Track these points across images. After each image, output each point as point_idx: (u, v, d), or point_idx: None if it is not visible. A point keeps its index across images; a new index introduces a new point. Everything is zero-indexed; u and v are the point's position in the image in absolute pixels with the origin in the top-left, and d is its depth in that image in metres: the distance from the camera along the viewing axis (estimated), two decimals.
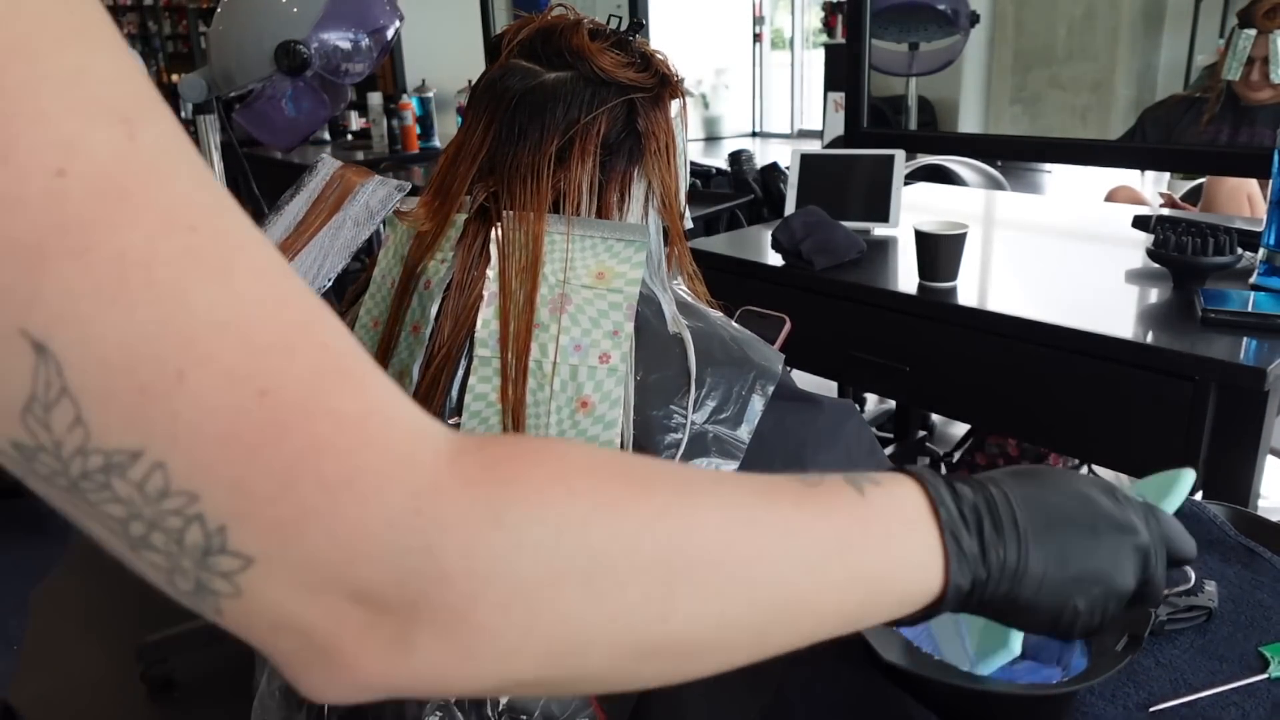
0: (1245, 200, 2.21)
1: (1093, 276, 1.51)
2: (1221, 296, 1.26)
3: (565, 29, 0.80)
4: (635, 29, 0.84)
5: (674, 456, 0.72)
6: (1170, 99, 1.73)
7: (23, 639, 0.64)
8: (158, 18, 9.05)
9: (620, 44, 0.81)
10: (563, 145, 0.78)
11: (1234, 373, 1.10)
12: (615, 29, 0.83)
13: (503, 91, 0.79)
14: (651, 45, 0.84)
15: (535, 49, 0.81)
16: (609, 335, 0.74)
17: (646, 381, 0.74)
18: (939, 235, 1.41)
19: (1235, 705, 0.60)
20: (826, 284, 1.54)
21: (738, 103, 10.92)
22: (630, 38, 0.83)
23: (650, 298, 0.78)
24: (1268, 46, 1.50)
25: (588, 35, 0.80)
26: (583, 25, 0.80)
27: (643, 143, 0.81)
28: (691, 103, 9.53)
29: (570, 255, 0.76)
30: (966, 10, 2.10)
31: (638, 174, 0.81)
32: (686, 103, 0.87)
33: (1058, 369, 1.26)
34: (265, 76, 1.47)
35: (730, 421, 0.75)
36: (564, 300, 0.75)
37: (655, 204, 0.83)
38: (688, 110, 0.88)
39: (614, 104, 0.79)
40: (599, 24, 0.83)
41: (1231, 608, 0.69)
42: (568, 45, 0.79)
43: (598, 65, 0.78)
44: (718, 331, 0.79)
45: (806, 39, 10.56)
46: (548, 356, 0.74)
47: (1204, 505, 0.80)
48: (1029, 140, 2.05)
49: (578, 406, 0.73)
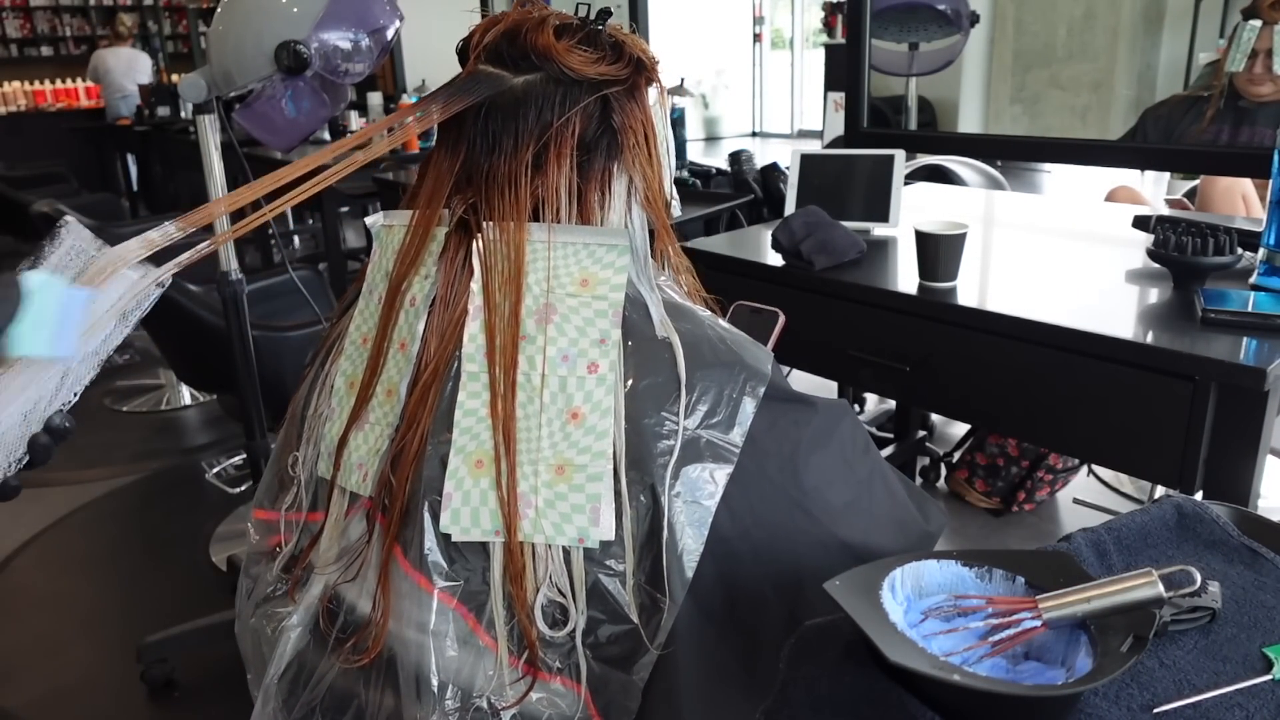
0: (1239, 200, 2.21)
1: (1093, 276, 1.51)
2: (1221, 296, 1.26)
3: (529, 29, 0.77)
4: (604, 17, 0.81)
5: (668, 464, 0.72)
6: (1171, 99, 1.73)
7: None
8: (158, 18, 9.04)
9: (589, 37, 0.79)
10: (538, 151, 0.76)
11: (1234, 373, 1.10)
12: (584, 19, 0.80)
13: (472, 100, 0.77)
14: (627, 33, 0.81)
15: (501, 52, 0.79)
16: (596, 344, 0.73)
17: (637, 388, 0.73)
18: (939, 235, 1.41)
19: (1239, 707, 0.59)
20: (826, 284, 1.54)
21: (737, 103, 10.93)
22: (600, 27, 0.80)
23: (637, 300, 0.77)
24: (1272, 38, 1.49)
25: (554, 33, 0.77)
26: (548, 22, 0.78)
27: (620, 138, 0.79)
28: (691, 103, 9.55)
29: (553, 263, 0.75)
30: (966, 10, 2.09)
31: (617, 170, 0.79)
32: (665, 88, 0.85)
33: (1058, 369, 1.26)
34: (265, 76, 1.47)
35: (722, 425, 0.74)
36: (549, 310, 0.74)
37: (638, 198, 0.81)
38: (671, 97, 0.86)
39: (587, 102, 0.77)
40: (566, 17, 0.80)
41: (1235, 609, 0.69)
42: (533, 46, 0.77)
43: (566, 65, 0.76)
44: (706, 333, 0.78)
45: (806, 39, 10.56)
46: (536, 369, 0.73)
47: (1207, 506, 0.80)
48: (1029, 140, 2.05)
49: (569, 418, 0.72)
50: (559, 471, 0.71)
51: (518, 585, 0.70)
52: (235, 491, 2.71)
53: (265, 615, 0.83)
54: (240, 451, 2.91)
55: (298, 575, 0.81)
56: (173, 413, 3.43)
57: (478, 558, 0.72)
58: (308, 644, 0.80)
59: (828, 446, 0.83)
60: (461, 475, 0.72)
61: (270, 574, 0.85)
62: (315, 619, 0.79)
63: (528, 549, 0.70)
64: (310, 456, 0.82)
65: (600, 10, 0.82)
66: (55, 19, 8.72)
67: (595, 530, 0.70)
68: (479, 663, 0.71)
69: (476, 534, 0.71)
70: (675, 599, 0.70)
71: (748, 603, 0.76)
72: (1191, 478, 1.17)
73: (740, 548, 0.75)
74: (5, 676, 1.94)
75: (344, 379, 0.81)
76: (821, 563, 0.77)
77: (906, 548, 0.85)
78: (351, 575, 0.76)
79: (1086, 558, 0.74)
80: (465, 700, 0.71)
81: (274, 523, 0.86)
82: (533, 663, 0.70)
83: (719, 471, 0.73)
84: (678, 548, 0.71)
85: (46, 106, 8.45)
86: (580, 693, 0.71)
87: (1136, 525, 0.78)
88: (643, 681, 0.71)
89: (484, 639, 0.71)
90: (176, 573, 2.31)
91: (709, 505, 0.72)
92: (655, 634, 0.70)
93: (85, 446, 3.10)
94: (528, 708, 0.71)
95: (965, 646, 0.62)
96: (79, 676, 1.93)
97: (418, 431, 0.73)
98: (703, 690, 0.74)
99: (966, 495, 2.43)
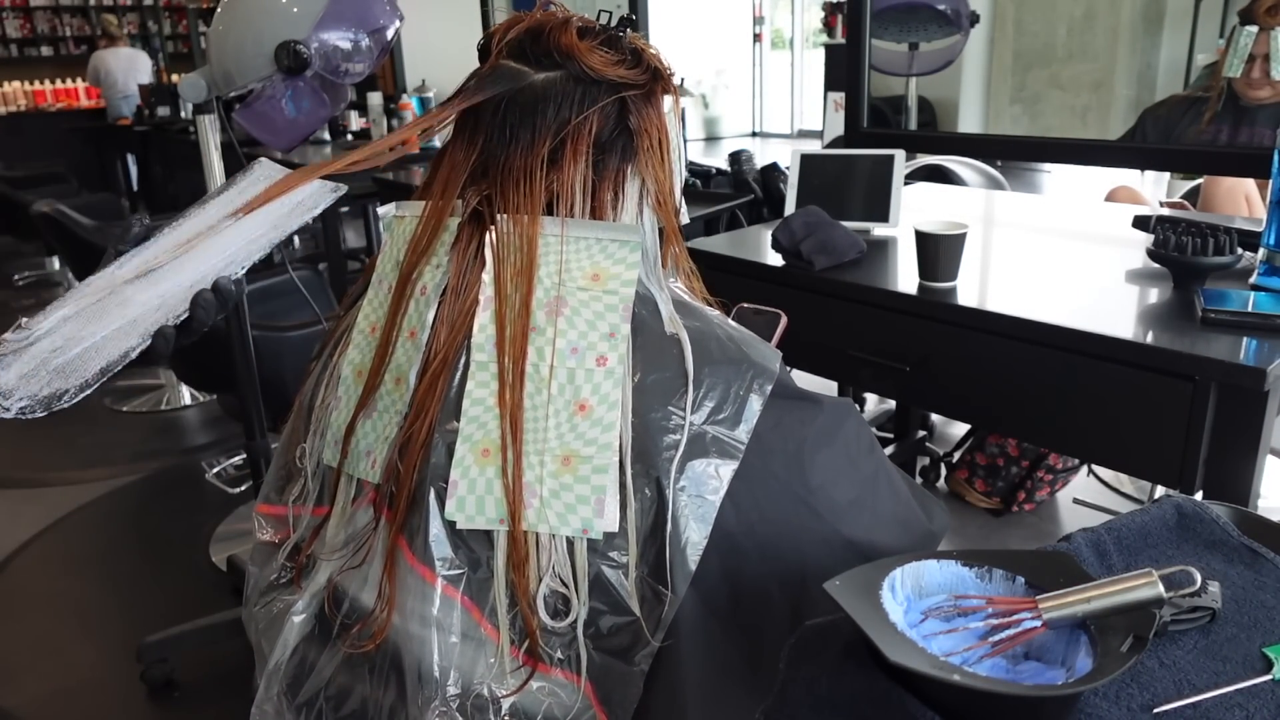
0: (1243, 200, 2.21)
1: (1093, 276, 1.51)
2: (1221, 296, 1.26)
3: (553, 28, 0.79)
4: (625, 24, 0.83)
5: (673, 458, 0.72)
6: (1171, 99, 1.73)
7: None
8: (158, 18, 9.05)
9: (610, 40, 0.80)
10: (555, 146, 0.77)
11: (1234, 373, 1.10)
12: (605, 25, 0.82)
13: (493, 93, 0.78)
14: (646, 42, 0.83)
15: (524, 49, 0.80)
16: (605, 338, 0.74)
17: (644, 383, 0.74)
18: (939, 235, 1.41)
19: (1239, 707, 0.59)
20: (826, 284, 1.54)
21: (738, 103, 10.94)
22: (621, 33, 0.82)
23: (646, 297, 0.78)
24: (1269, 43, 1.50)
25: (576, 33, 0.79)
26: (571, 23, 0.79)
27: (635, 140, 0.80)
28: (691, 103, 9.56)
29: (565, 257, 0.76)
30: (966, 10, 2.10)
31: (631, 172, 0.80)
32: (680, 98, 0.87)
33: (1058, 369, 1.26)
34: (265, 76, 1.47)
35: (729, 422, 0.75)
36: (560, 303, 0.75)
37: (650, 201, 0.82)
38: (682, 107, 0.87)
39: (605, 103, 0.78)
40: (588, 21, 0.82)
41: (1235, 609, 0.69)
42: (556, 44, 0.78)
43: (587, 64, 0.78)
44: (714, 330, 0.79)
45: (806, 39, 10.56)
46: (545, 360, 0.73)
47: (1207, 506, 0.80)
48: (1029, 140, 2.05)
49: (576, 410, 0.72)
50: (565, 462, 0.71)
51: (520, 574, 0.70)
52: (235, 491, 2.71)
53: (270, 603, 0.84)
54: (240, 451, 2.91)
55: (302, 562, 0.82)
56: (173, 413, 3.43)
57: (482, 547, 0.72)
58: (313, 630, 0.80)
59: (833, 444, 0.83)
60: (468, 463, 0.72)
61: (276, 563, 0.85)
62: (320, 607, 0.80)
63: (531, 538, 0.71)
64: (317, 447, 0.83)
65: (622, 18, 0.83)
66: (55, 19, 8.72)
67: (599, 522, 0.70)
68: (480, 653, 0.72)
69: (481, 522, 0.71)
70: (677, 592, 0.71)
71: (752, 599, 0.76)
72: (1191, 478, 1.17)
73: (745, 543, 0.75)
74: (5, 676, 1.94)
75: (351, 368, 0.81)
76: (826, 560, 0.77)
77: (910, 546, 0.85)
78: (357, 562, 0.77)
79: (1086, 558, 0.74)
80: (466, 688, 0.71)
81: (280, 517, 0.86)
82: (533, 653, 0.71)
83: (724, 467, 0.73)
84: (681, 541, 0.71)
85: (46, 106, 8.45)
86: (580, 685, 0.71)
87: (1136, 525, 0.78)
88: (644, 672, 0.72)
89: (487, 630, 0.72)
90: (176, 573, 2.31)
91: (713, 500, 0.73)
92: (657, 626, 0.71)
93: (85, 446, 3.10)
94: (529, 697, 0.71)
95: (965, 646, 0.62)
96: (79, 676, 1.93)
97: (425, 420, 0.74)
98: (706, 685, 0.75)
99: (966, 495, 2.44)
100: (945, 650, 0.60)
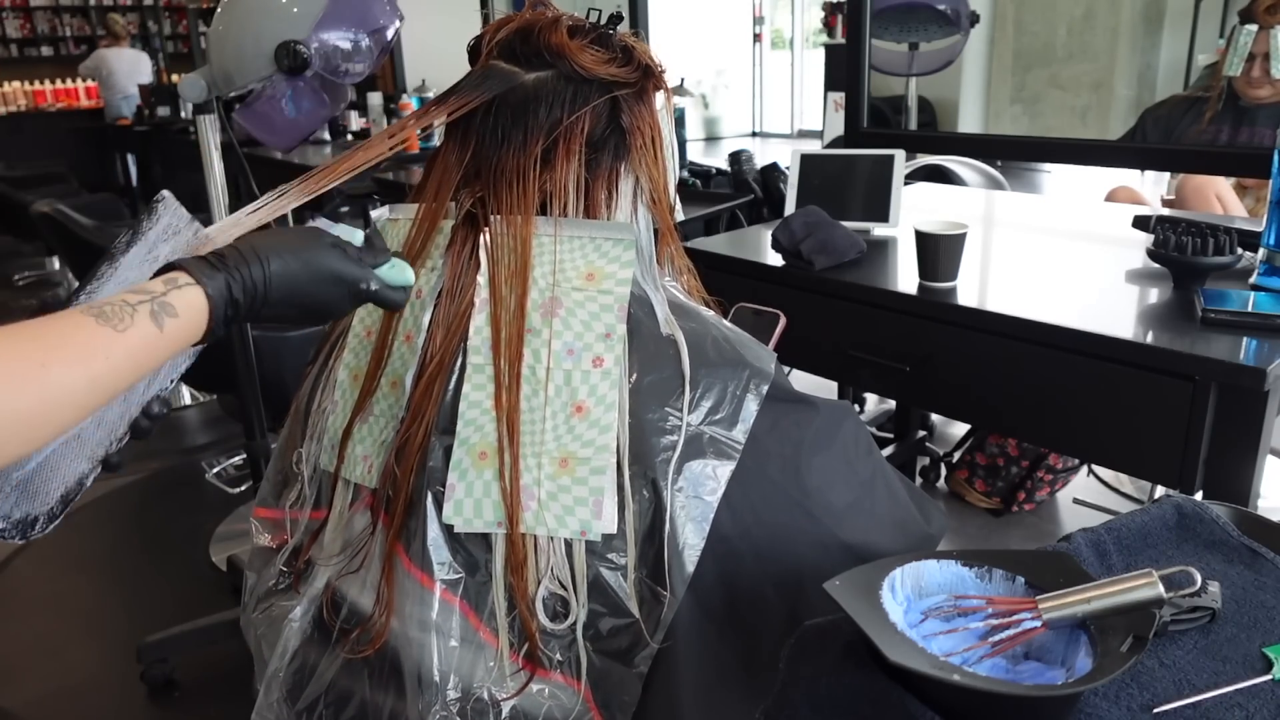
0: (1213, 198, 2.19)
1: (1093, 276, 1.51)
2: (1221, 296, 1.26)
3: (543, 27, 0.79)
4: (615, 22, 0.83)
5: (670, 459, 0.72)
6: (1171, 99, 1.73)
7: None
8: (158, 18, 9.04)
9: (601, 39, 0.80)
10: (547, 146, 0.77)
11: (1234, 373, 1.10)
12: (595, 23, 0.82)
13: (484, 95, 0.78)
14: (636, 39, 0.83)
15: (514, 49, 0.80)
16: (601, 338, 0.74)
17: (641, 384, 0.74)
18: (939, 235, 1.41)
19: (1239, 706, 0.59)
20: (826, 284, 1.54)
21: (737, 103, 10.93)
22: (611, 31, 0.81)
23: (642, 298, 0.77)
24: (1268, 42, 1.50)
25: (566, 32, 0.78)
26: (561, 22, 0.79)
27: (628, 138, 0.80)
28: (691, 103, 9.55)
29: (559, 257, 0.76)
30: (966, 10, 2.10)
31: (624, 170, 0.80)
32: (672, 95, 0.87)
33: (1058, 369, 1.26)
34: (265, 76, 1.47)
35: (725, 422, 0.75)
36: (555, 304, 0.75)
37: (644, 199, 0.82)
38: (678, 105, 0.87)
39: (597, 101, 0.78)
40: (578, 19, 0.82)
41: (1235, 609, 0.69)
42: (546, 44, 0.78)
43: (578, 63, 0.77)
44: (711, 331, 0.79)
45: (806, 39, 10.56)
46: (541, 362, 0.73)
47: (1207, 505, 0.80)
48: (1029, 140, 2.05)
49: (573, 411, 0.72)
50: (562, 464, 0.71)
51: (519, 577, 0.70)
52: (235, 491, 2.71)
53: (269, 608, 0.84)
54: (240, 451, 2.91)
55: (300, 568, 0.82)
56: (173, 413, 3.43)
57: (480, 550, 0.72)
58: (312, 636, 0.80)
59: (830, 448, 0.83)
60: (465, 467, 0.72)
61: (274, 568, 0.85)
62: (319, 612, 0.80)
63: (529, 541, 0.71)
64: (314, 451, 0.83)
65: (611, 15, 0.83)
66: (55, 19, 8.72)
67: (597, 523, 0.70)
68: (480, 657, 0.71)
69: (479, 525, 0.71)
70: (676, 593, 0.71)
71: (748, 602, 0.76)
72: (1191, 478, 1.17)
73: (741, 547, 0.75)
74: (5, 676, 1.94)
75: (347, 371, 0.81)
76: (822, 563, 0.77)
77: (907, 549, 0.85)
78: (355, 567, 0.77)
79: (1086, 558, 0.74)
80: (466, 692, 0.71)
81: (277, 520, 0.86)
82: (532, 656, 0.71)
83: (721, 468, 0.73)
84: (679, 542, 0.71)
85: (46, 106, 8.45)
86: (579, 688, 0.71)
87: (1136, 525, 0.78)
88: (642, 675, 0.71)
89: (485, 635, 0.72)
90: (176, 573, 2.31)
91: (711, 501, 0.72)
92: (656, 628, 0.71)
93: None
94: (528, 701, 0.71)
95: (965, 646, 0.62)
96: (79, 676, 1.92)
97: (422, 423, 0.74)
98: (702, 688, 0.75)
99: (966, 495, 2.43)
100: (945, 650, 0.61)
